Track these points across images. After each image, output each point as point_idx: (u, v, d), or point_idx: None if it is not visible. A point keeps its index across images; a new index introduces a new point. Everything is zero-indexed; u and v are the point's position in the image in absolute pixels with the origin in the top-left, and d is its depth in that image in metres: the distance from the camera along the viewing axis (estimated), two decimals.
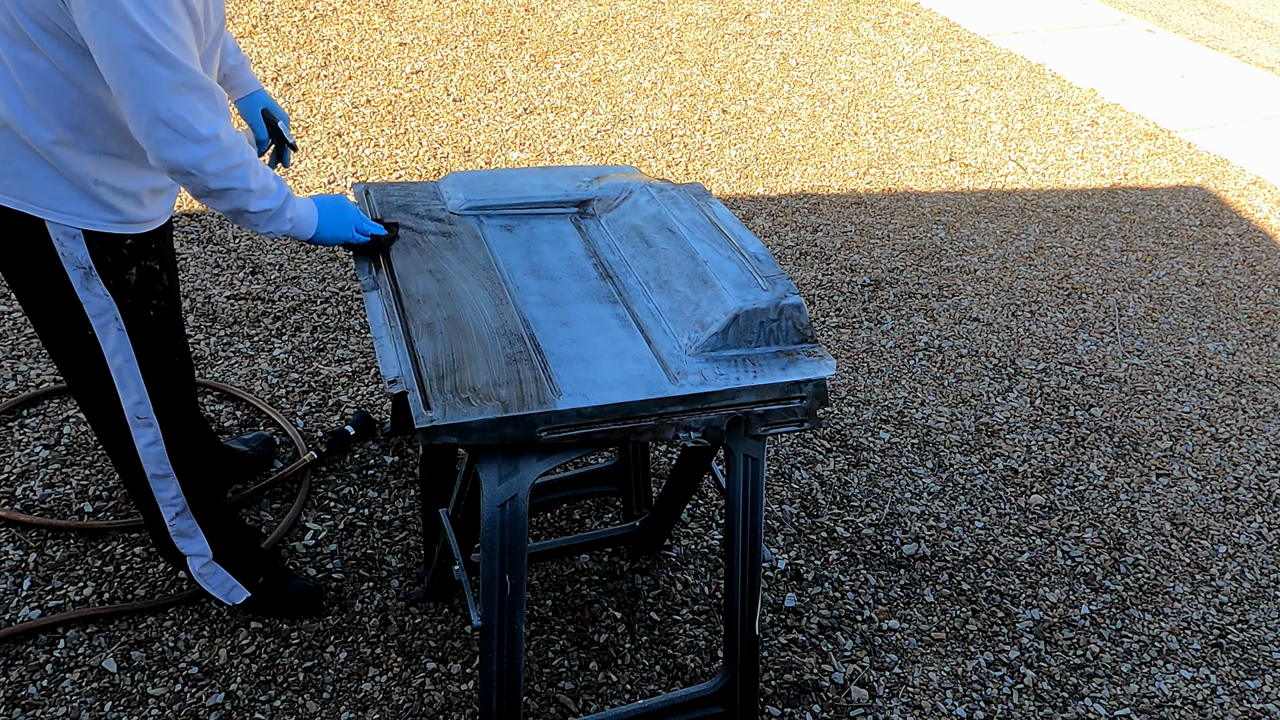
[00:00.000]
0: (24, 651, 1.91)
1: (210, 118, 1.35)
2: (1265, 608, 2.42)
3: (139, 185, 1.53)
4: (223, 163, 1.38)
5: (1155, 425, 2.99)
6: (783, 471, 2.60)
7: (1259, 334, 3.53)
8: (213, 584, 1.94)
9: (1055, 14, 6.64)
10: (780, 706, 2.00)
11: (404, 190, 1.89)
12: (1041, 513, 2.60)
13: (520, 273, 1.68)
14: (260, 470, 2.34)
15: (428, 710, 1.90)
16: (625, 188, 1.88)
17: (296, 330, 2.85)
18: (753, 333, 1.54)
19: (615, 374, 1.46)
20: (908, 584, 2.33)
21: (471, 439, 1.35)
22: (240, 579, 1.95)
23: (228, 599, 1.96)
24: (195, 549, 1.88)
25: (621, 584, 2.22)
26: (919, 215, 3.99)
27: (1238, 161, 4.86)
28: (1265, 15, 7.47)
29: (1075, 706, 2.10)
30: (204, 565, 1.91)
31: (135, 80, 1.27)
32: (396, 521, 2.29)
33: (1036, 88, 5.34)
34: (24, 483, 2.25)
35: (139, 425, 1.70)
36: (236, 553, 1.93)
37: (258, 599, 1.98)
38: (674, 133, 4.28)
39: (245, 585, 1.95)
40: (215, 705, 1.86)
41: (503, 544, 1.46)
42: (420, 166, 3.72)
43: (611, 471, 2.26)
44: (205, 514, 1.85)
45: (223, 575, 1.93)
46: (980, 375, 3.10)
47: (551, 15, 5.25)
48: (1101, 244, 3.98)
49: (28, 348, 2.63)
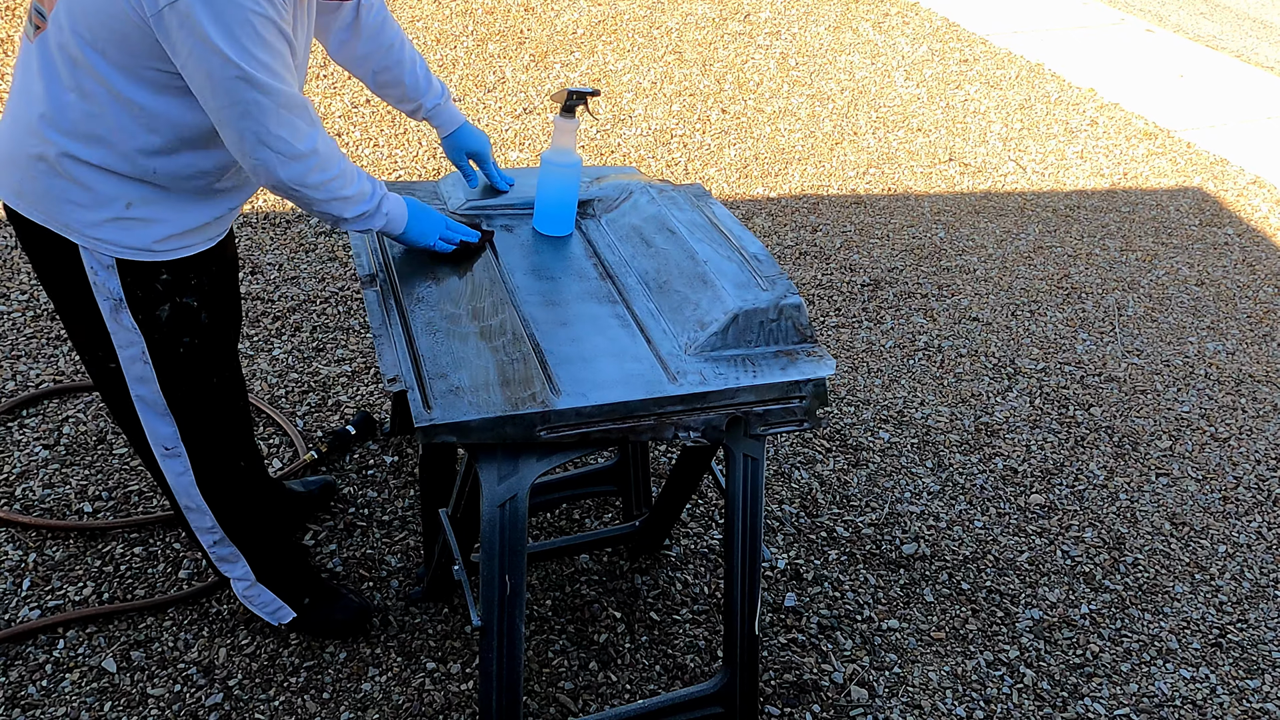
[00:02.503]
0: (24, 652, 1.91)
1: (308, 132, 1.38)
2: (1265, 607, 2.42)
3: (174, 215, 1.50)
4: (323, 174, 1.42)
5: (1155, 425, 2.99)
6: (782, 471, 2.60)
7: (1258, 333, 3.53)
8: (257, 605, 1.92)
9: (1055, 14, 6.64)
10: (780, 706, 2.00)
11: (404, 190, 1.89)
12: (1041, 512, 2.61)
13: (520, 272, 1.68)
14: (316, 511, 2.28)
15: (427, 710, 1.90)
16: (625, 188, 1.88)
17: (296, 330, 2.85)
18: (752, 332, 1.54)
19: (615, 373, 1.46)
20: (907, 584, 2.33)
21: (471, 438, 1.35)
22: (286, 599, 1.92)
23: (273, 619, 1.94)
24: (237, 573, 1.87)
25: (621, 584, 2.22)
26: (918, 215, 3.99)
27: (1237, 161, 4.86)
28: (1265, 15, 7.47)
29: (1075, 706, 2.10)
30: (248, 588, 1.90)
31: (235, 109, 1.31)
32: (396, 521, 2.29)
33: (1036, 87, 5.34)
34: (24, 483, 2.25)
35: (166, 456, 1.67)
36: (282, 573, 1.90)
37: (303, 620, 1.95)
38: (673, 133, 4.28)
39: (291, 606, 1.93)
40: (215, 705, 1.86)
41: (502, 544, 1.46)
42: (420, 166, 3.72)
43: (611, 471, 2.26)
44: (246, 539, 1.83)
45: (268, 596, 1.91)
46: (980, 375, 3.10)
47: (551, 15, 5.25)
48: (1101, 244, 3.98)
49: (28, 348, 2.63)
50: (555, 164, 1.72)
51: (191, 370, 1.61)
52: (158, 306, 1.53)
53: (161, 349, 1.56)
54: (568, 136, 1.71)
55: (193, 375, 1.62)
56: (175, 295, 1.54)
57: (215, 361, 1.65)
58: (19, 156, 1.42)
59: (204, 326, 1.60)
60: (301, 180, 1.40)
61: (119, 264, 1.47)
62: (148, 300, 1.51)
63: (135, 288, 1.50)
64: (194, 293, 1.57)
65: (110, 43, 1.31)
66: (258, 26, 1.27)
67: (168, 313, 1.54)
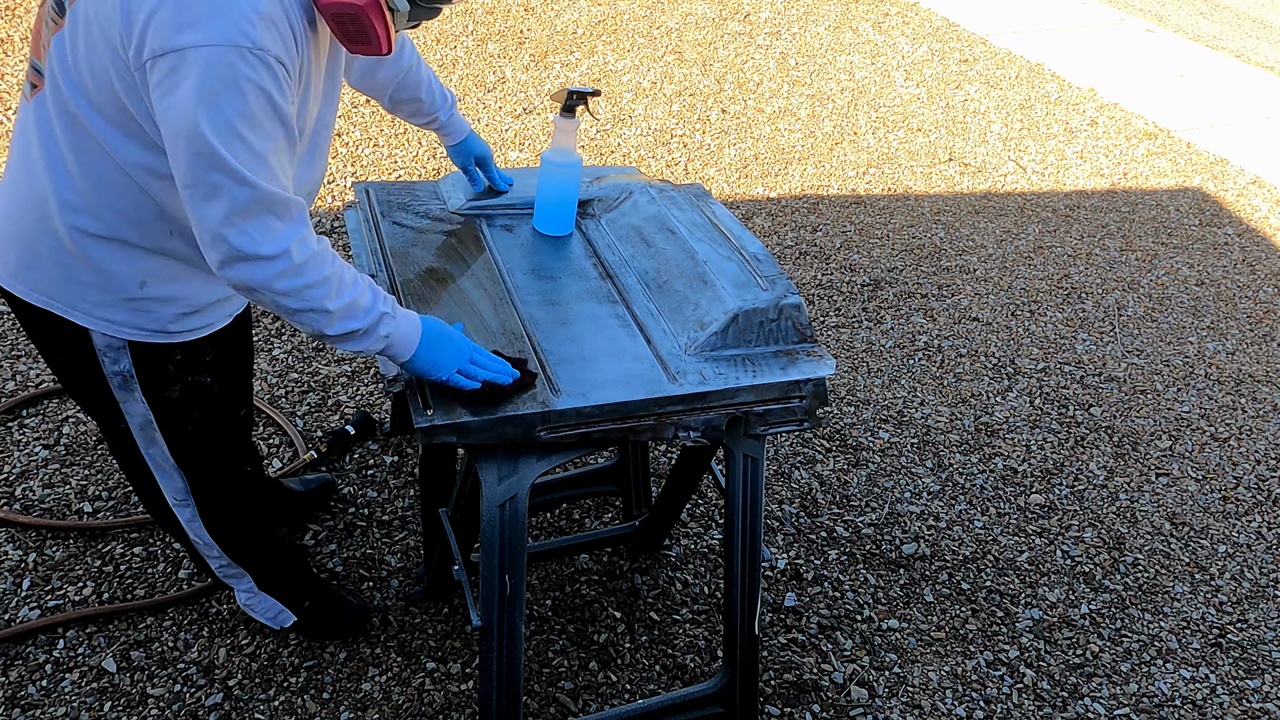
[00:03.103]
0: (23, 651, 1.91)
1: (283, 233, 1.19)
2: (1265, 607, 2.42)
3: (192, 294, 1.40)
4: (295, 281, 1.22)
5: (1155, 425, 2.99)
6: (782, 471, 2.60)
7: (1258, 333, 3.53)
8: (258, 611, 1.93)
9: (1055, 14, 6.64)
10: (780, 706, 2.00)
11: (404, 190, 1.89)
12: (1041, 512, 2.61)
13: (520, 272, 1.68)
14: (315, 510, 2.27)
15: (427, 710, 1.90)
16: (625, 188, 1.89)
17: (296, 330, 2.84)
18: (752, 332, 1.54)
19: (614, 373, 1.46)
20: (907, 584, 2.33)
21: (471, 438, 1.35)
22: (287, 603, 1.92)
23: (274, 624, 1.94)
24: (242, 585, 1.88)
25: (621, 584, 2.22)
26: (918, 215, 3.99)
27: (1237, 161, 4.86)
28: (1264, 15, 7.47)
29: (1075, 706, 2.10)
30: (250, 598, 1.91)
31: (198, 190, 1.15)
32: (396, 521, 2.29)
33: (1036, 87, 5.34)
34: (23, 483, 2.25)
35: (178, 505, 1.66)
36: (282, 579, 1.91)
37: (304, 623, 1.95)
38: (673, 132, 4.28)
39: (291, 610, 1.93)
40: (214, 705, 1.86)
41: (502, 544, 1.46)
42: (420, 166, 3.72)
43: (611, 471, 2.26)
44: (250, 560, 1.84)
45: (269, 602, 1.91)
46: (980, 375, 3.10)
47: (551, 15, 5.25)
48: (1101, 243, 3.98)
49: (27, 348, 2.63)
50: (555, 164, 1.72)
51: (202, 440, 1.58)
52: (169, 387, 1.45)
53: (171, 424, 1.51)
54: (568, 136, 1.71)
55: (203, 442, 1.59)
56: (188, 375, 1.47)
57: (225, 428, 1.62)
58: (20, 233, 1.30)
59: (215, 397, 1.55)
60: (266, 284, 1.21)
61: (130, 345, 1.39)
62: (159, 380, 1.44)
63: (146, 369, 1.42)
64: (208, 370, 1.50)
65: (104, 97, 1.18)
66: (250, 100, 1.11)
67: (178, 393, 1.47)
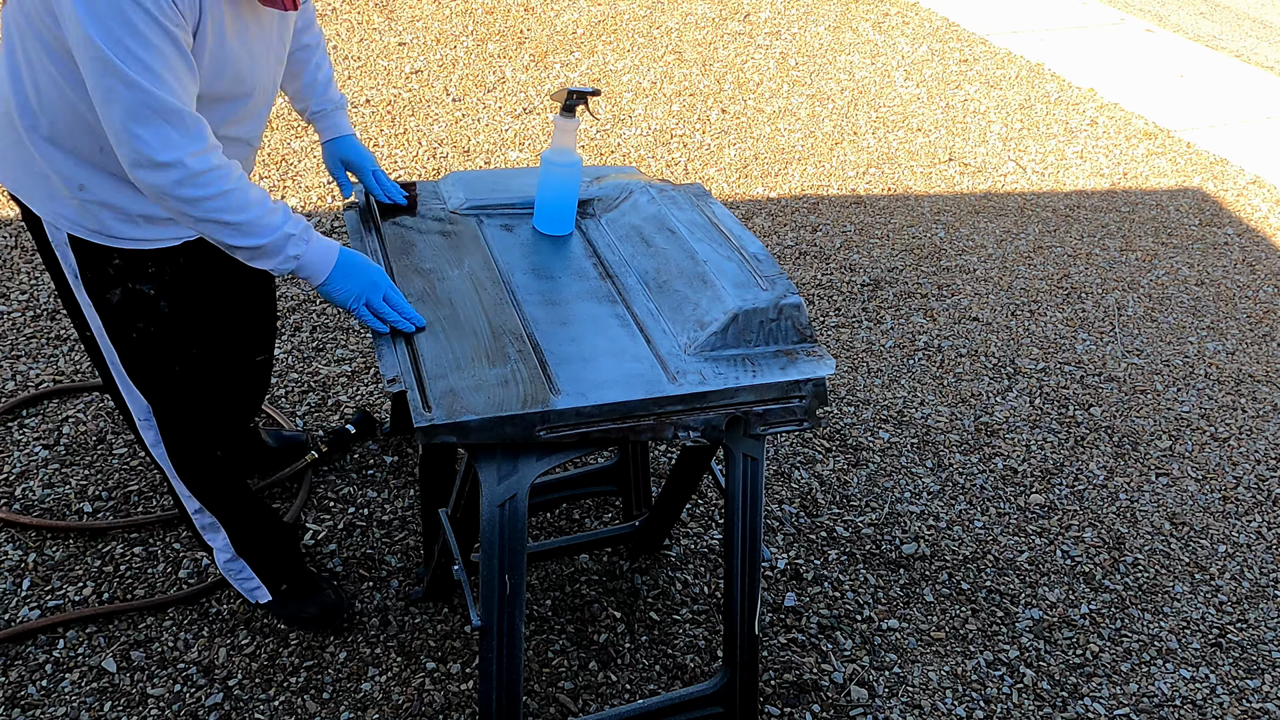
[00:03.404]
0: (24, 652, 1.91)
1: (178, 142, 1.27)
2: (1265, 607, 2.42)
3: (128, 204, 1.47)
4: (194, 190, 1.31)
5: (1155, 425, 2.99)
6: (782, 471, 2.60)
7: (1258, 333, 3.53)
8: (237, 579, 1.93)
9: (1055, 14, 6.64)
10: (780, 706, 2.00)
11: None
12: (1041, 512, 2.61)
13: (520, 272, 1.68)
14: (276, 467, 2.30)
15: (427, 710, 1.90)
16: (625, 188, 1.89)
17: (296, 330, 2.85)
18: (752, 332, 1.54)
19: (614, 373, 1.46)
20: (907, 584, 2.33)
21: (470, 438, 1.35)
22: (264, 579, 1.92)
23: (250, 597, 1.94)
24: (219, 543, 1.87)
25: (621, 584, 2.22)
26: (918, 215, 3.99)
27: (1237, 161, 4.86)
28: (1264, 15, 7.47)
29: (1075, 706, 2.10)
30: (229, 560, 1.90)
31: (98, 93, 1.25)
32: (396, 521, 2.29)
33: (1036, 87, 5.34)
34: (23, 483, 2.25)
35: (143, 426, 1.69)
36: (261, 550, 1.90)
37: (277, 605, 1.95)
38: (673, 132, 4.28)
39: (268, 587, 1.93)
40: (214, 705, 1.86)
41: (502, 544, 1.46)
42: (420, 166, 3.72)
43: (611, 471, 2.26)
44: (224, 511, 1.83)
45: (247, 572, 1.91)
46: (980, 375, 3.10)
47: (551, 15, 5.25)
48: (1101, 243, 3.98)
49: (27, 348, 2.63)
50: (555, 163, 1.72)
51: (151, 355, 1.60)
52: (108, 290, 1.51)
53: (115, 330, 1.55)
54: (568, 136, 1.71)
55: (153, 360, 1.61)
56: (128, 281, 1.52)
57: (178, 351, 1.62)
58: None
59: (162, 315, 1.57)
60: (168, 190, 1.30)
61: (71, 240, 1.47)
62: (99, 282, 1.51)
63: (87, 267, 1.49)
64: (151, 281, 1.54)
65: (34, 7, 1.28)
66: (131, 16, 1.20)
67: (119, 297, 1.52)
